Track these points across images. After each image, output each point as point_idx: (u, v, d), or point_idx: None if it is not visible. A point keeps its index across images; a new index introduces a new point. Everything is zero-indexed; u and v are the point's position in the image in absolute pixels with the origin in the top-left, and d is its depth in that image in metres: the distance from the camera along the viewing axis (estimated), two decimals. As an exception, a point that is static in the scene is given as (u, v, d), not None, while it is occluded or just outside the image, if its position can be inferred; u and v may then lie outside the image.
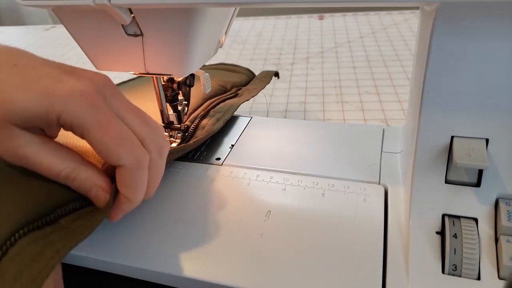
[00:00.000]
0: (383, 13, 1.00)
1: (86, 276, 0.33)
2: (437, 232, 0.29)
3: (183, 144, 0.40)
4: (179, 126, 0.41)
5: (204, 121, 0.45)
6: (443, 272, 0.27)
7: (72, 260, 0.32)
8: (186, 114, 0.43)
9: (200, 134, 0.42)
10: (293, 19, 1.03)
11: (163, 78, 0.38)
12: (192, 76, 0.41)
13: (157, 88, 0.38)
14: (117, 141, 0.25)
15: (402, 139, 0.40)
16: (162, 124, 0.41)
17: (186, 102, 0.42)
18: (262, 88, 0.54)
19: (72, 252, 0.29)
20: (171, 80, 0.39)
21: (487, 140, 0.29)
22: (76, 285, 0.31)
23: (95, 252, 0.31)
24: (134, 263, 0.30)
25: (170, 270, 0.30)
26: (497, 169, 0.29)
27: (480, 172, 0.29)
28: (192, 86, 0.42)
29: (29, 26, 1.23)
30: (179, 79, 0.39)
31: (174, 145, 0.41)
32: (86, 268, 0.32)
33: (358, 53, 0.79)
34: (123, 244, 0.32)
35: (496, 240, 0.28)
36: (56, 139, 0.29)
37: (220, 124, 0.44)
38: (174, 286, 0.30)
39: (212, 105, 0.48)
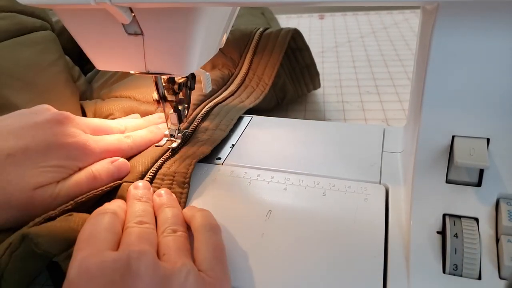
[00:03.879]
0: (383, 12, 1.00)
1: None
2: (438, 232, 0.29)
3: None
4: (174, 99, 0.40)
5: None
6: (444, 271, 0.27)
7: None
8: (186, 116, 0.43)
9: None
10: (293, 18, 1.03)
11: (163, 78, 0.38)
12: (193, 78, 0.41)
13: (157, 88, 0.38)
14: None
15: (402, 139, 0.40)
16: (157, 98, 0.39)
17: (186, 105, 0.42)
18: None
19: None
20: (171, 80, 0.39)
21: (488, 140, 0.29)
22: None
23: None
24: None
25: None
26: (498, 168, 0.29)
27: (481, 171, 0.29)
28: (193, 89, 0.42)
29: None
30: (180, 80, 0.39)
31: (174, 145, 0.41)
32: None
33: (358, 53, 0.79)
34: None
35: (497, 240, 0.28)
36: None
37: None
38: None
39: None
